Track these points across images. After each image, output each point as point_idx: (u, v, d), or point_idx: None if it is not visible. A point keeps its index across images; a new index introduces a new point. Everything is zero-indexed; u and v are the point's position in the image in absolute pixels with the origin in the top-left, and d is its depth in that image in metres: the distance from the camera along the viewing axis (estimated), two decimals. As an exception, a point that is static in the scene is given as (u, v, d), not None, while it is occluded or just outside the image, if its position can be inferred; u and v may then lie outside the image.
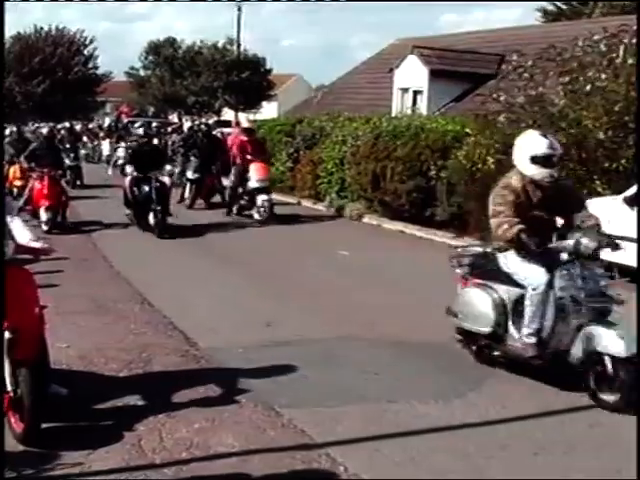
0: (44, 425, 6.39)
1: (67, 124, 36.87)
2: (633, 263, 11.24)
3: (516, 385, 7.86)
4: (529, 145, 7.99)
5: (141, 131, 19.53)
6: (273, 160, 25.08)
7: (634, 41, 14.50)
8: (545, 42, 17.18)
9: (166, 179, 17.91)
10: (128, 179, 17.90)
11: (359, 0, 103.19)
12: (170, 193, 18.16)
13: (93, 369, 8.21)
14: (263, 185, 19.52)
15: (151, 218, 17.21)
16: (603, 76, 14.24)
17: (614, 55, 14.38)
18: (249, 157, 19.80)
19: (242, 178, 19.85)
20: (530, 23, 42.82)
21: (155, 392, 7.55)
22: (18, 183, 22.28)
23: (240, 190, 20.00)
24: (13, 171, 22.84)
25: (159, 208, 17.10)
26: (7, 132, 29.73)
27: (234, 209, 20.29)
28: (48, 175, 18.17)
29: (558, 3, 49.52)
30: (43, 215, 17.75)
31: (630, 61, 14.17)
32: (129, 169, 18.06)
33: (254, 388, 7.57)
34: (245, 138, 20.67)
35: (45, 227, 17.46)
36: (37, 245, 6.92)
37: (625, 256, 11.49)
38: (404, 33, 49.35)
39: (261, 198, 19.27)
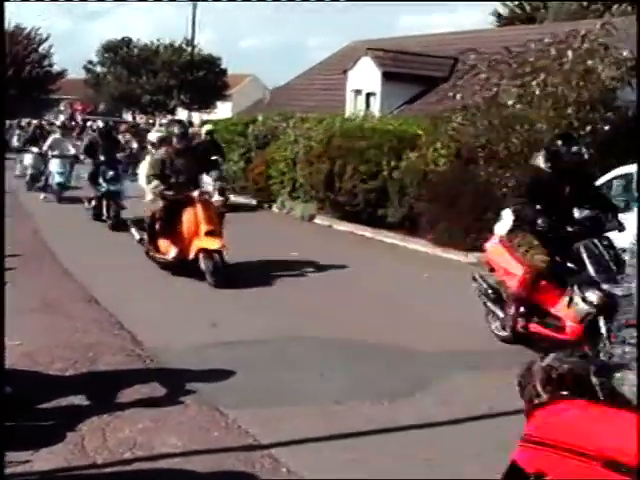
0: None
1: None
2: None
3: (463, 385, 7.88)
4: None
5: None
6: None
7: (585, 46, 14.68)
8: (498, 46, 17.30)
9: None
10: None
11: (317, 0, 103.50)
12: None
13: (38, 368, 8.09)
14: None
15: None
16: (555, 80, 14.39)
17: (564, 60, 14.53)
18: None
19: None
20: (484, 27, 43.04)
21: (100, 392, 7.45)
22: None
23: None
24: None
25: None
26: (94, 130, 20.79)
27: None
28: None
29: (512, 4, 49.84)
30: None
31: (581, 67, 14.35)
32: None
33: (199, 388, 7.52)
34: None
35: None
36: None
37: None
38: (363, 35, 49.40)
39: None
